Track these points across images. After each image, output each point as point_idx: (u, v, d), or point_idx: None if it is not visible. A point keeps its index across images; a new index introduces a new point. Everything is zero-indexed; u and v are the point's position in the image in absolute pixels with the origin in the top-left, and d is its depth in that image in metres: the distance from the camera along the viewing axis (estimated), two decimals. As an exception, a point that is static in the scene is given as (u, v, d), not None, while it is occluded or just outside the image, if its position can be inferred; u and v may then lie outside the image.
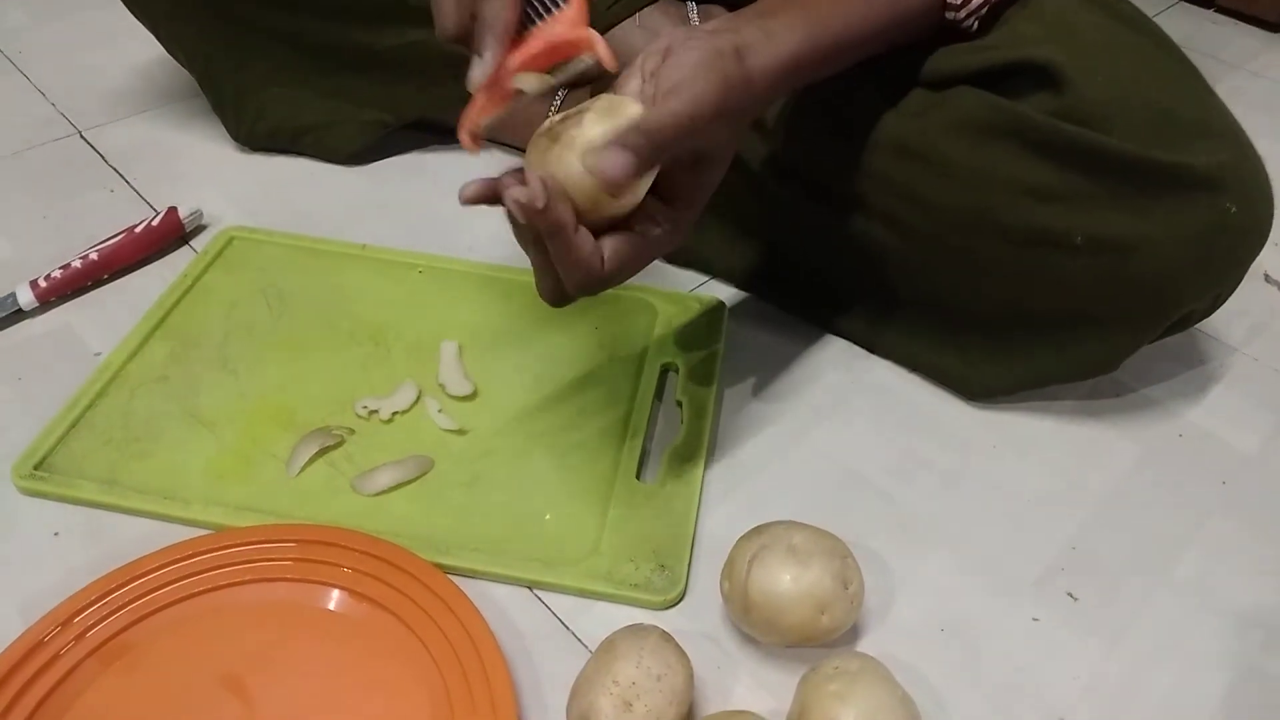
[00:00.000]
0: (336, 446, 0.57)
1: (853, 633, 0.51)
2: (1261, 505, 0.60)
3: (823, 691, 0.43)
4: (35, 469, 0.55)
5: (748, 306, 0.71)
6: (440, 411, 0.60)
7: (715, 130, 0.44)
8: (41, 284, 0.66)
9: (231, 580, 0.50)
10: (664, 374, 0.64)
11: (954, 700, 0.49)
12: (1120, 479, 0.61)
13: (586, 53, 0.43)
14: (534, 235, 0.43)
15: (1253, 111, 0.61)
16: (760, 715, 0.44)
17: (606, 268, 0.44)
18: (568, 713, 0.44)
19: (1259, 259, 0.57)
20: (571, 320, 0.67)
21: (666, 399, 0.63)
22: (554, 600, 0.52)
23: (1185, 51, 0.59)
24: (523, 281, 0.69)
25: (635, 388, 0.62)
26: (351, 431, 0.58)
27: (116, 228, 0.70)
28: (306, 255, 0.71)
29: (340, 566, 0.50)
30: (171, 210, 0.72)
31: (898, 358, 0.67)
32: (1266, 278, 0.78)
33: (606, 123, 0.42)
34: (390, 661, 0.47)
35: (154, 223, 0.71)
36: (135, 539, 0.52)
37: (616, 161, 0.40)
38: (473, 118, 0.44)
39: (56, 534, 0.53)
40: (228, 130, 0.82)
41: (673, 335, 0.66)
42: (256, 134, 0.81)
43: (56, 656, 0.46)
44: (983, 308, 0.61)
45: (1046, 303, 0.59)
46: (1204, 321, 0.61)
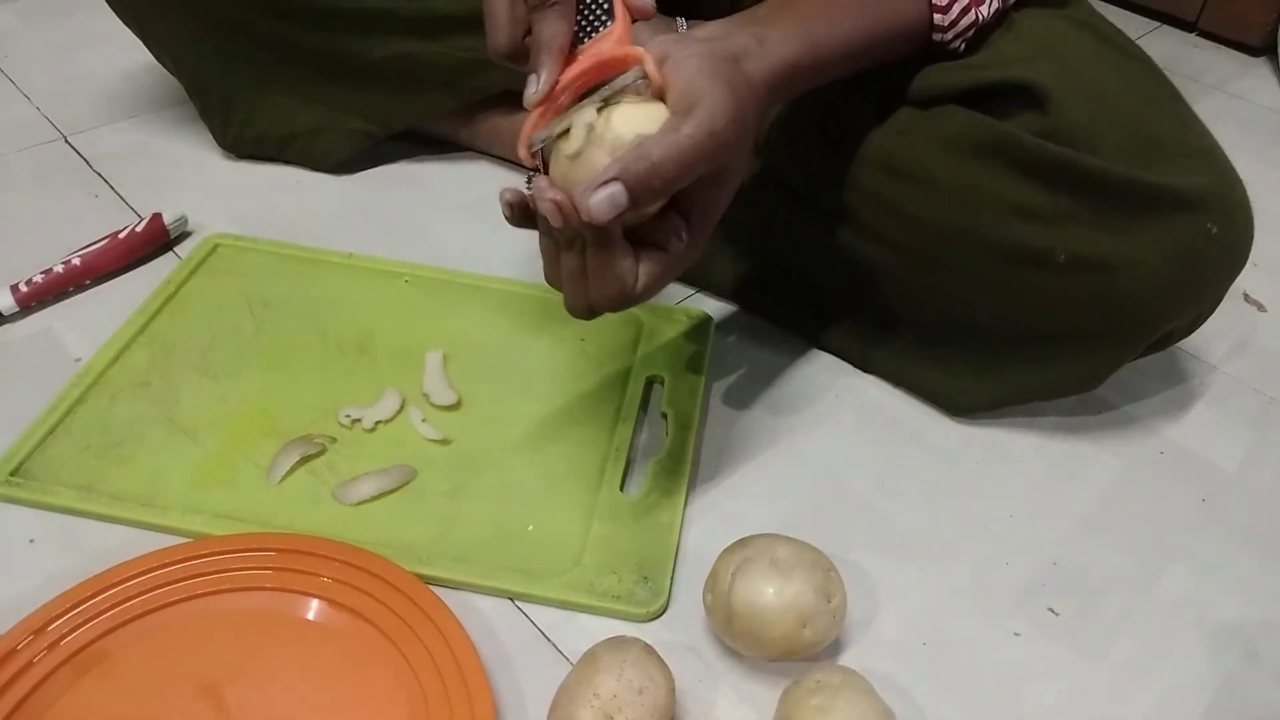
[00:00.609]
0: (318, 455, 0.57)
1: (835, 646, 0.51)
2: (1241, 522, 0.60)
3: (805, 705, 0.43)
4: (11, 475, 0.54)
5: (734, 320, 0.71)
6: (424, 421, 0.59)
7: (732, 140, 0.44)
8: (23, 288, 0.66)
9: (209, 589, 0.49)
10: (649, 386, 0.64)
11: (935, 714, 0.49)
12: (1102, 495, 0.61)
13: (634, 66, 0.44)
14: (573, 244, 0.42)
15: (1233, 133, 0.62)
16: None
17: (640, 284, 0.44)
18: (548, 725, 0.44)
19: (1239, 278, 0.57)
20: (558, 331, 0.67)
21: (652, 411, 0.63)
22: (536, 612, 0.52)
23: (1167, 74, 0.60)
24: (509, 292, 0.69)
25: (621, 400, 0.62)
26: (334, 440, 0.58)
27: (100, 233, 0.70)
28: (292, 263, 0.71)
29: (320, 576, 0.50)
30: (156, 216, 0.71)
31: (883, 372, 0.67)
32: (1246, 297, 0.79)
33: (637, 120, 0.42)
34: (370, 672, 0.47)
35: (138, 228, 0.70)
36: (112, 547, 0.52)
37: (621, 199, 0.40)
38: (527, 133, 0.45)
39: (32, 541, 0.53)
40: (214, 137, 0.82)
41: (659, 348, 0.66)
42: (243, 141, 0.81)
43: (29, 665, 0.45)
44: (967, 323, 0.62)
45: (1030, 320, 0.59)
46: (1185, 340, 0.62)
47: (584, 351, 0.66)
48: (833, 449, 0.62)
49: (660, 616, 0.52)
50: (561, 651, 0.50)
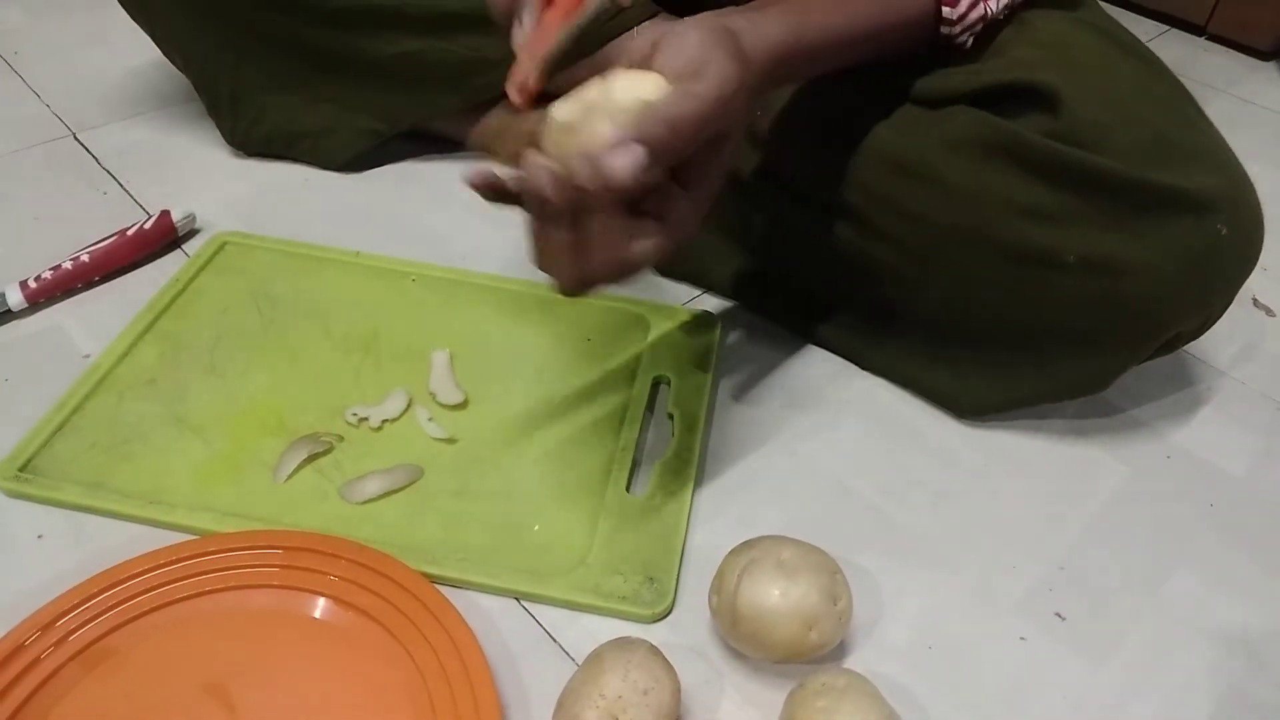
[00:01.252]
0: (325, 453, 0.57)
1: (840, 649, 0.51)
2: (1248, 527, 0.60)
3: (810, 708, 0.43)
4: (20, 471, 0.55)
5: (740, 321, 0.71)
6: (430, 420, 0.60)
7: (738, 106, 0.44)
8: (31, 285, 0.66)
9: (216, 586, 0.49)
10: (656, 387, 0.64)
11: (940, 718, 0.49)
12: (1109, 499, 0.61)
13: None
14: (566, 214, 0.42)
15: (1243, 136, 0.62)
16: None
17: (640, 253, 0.44)
18: (553, 725, 0.44)
19: (1247, 282, 0.57)
20: (564, 332, 0.67)
21: (658, 412, 0.63)
22: (541, 612, 0.52)
23: (1177, 77, 0.60)
24: (516, 291, 0.69)
25: (627, 400, 0.62)
26: (340, 438, 0.58)
27: (109, 230, 0.70)
28: (299, 261, 0.71)
29: (326, 574, 0.50)
30: (164, 213, 0.71)
31: (889, 374, 0.67)
32: (1255, 301, 0.79)
33: (638, 89, 0.42)
34: (375, 671, 0.47)
35: (146, 225, 0.71)
36: (120, 543, 0.52)
37: (641, 158, 0.40)
38: (515, 73, 0.47)
39: (40, 536, 0.53)
40: (223, 134, 0.82)
41: (665, 348, 0.66)
42: (252, 139, 0.81)
43: (37, 660, 0.46)
44: (974, 325, 0.61)
45: (1038, 321, 0.59)
46: (1193, 344, 0.62)
47: (591, 352, 0.66)
48: (839, 451, 0.62)
49: (665, 617, 0.52)
50: (567, 652, 0.50)
